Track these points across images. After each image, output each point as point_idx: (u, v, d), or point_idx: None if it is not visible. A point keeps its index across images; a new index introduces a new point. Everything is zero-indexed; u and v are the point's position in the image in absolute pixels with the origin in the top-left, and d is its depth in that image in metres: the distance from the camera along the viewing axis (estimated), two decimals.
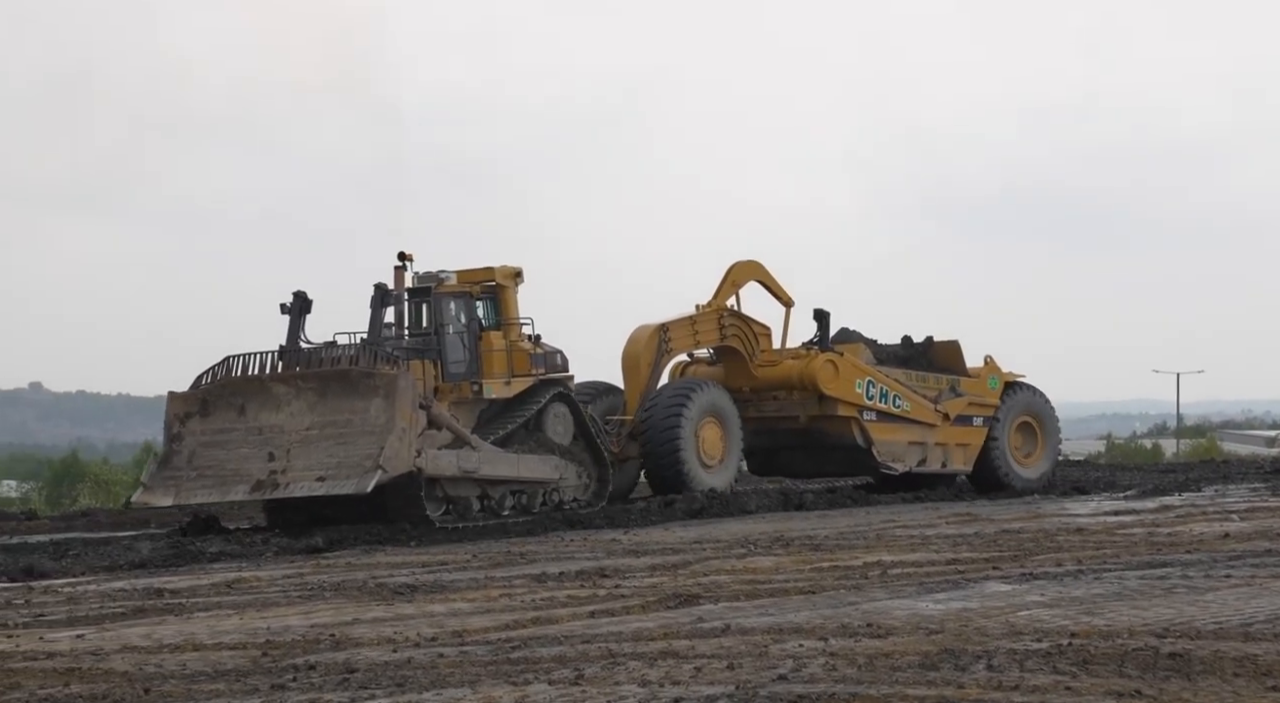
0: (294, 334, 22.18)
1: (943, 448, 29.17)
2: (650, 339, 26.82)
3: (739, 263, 28.57)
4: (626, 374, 26.92)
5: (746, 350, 27.96)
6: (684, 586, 14.49)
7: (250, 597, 14.71)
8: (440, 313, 23.15)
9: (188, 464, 20.88)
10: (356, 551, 20.10)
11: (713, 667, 9.80)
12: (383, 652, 10.91)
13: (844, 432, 27.91)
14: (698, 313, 27.66)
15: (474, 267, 24.35)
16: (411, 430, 20.30)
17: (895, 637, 10.85)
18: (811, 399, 27.77)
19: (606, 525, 23.07)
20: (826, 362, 27.61)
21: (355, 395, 20.58)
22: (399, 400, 20.19)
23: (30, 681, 10.10)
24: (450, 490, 21.75)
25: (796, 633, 11.17)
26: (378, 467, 19.69)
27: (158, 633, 12.23)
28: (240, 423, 21.04)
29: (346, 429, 20.41)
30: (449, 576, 16.24)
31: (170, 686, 9.78)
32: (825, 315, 28.43)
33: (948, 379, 29.45)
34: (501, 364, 23.50)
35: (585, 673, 9.71)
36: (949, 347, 30.15)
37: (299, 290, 22.52)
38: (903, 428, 28.47)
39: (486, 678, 9.68)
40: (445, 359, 22.95)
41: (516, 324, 24.12)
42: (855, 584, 14.25)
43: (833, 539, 19.45)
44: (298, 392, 20.93)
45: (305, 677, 9.95)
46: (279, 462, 20.38)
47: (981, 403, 29.55)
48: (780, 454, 28.87)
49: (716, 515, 24.88)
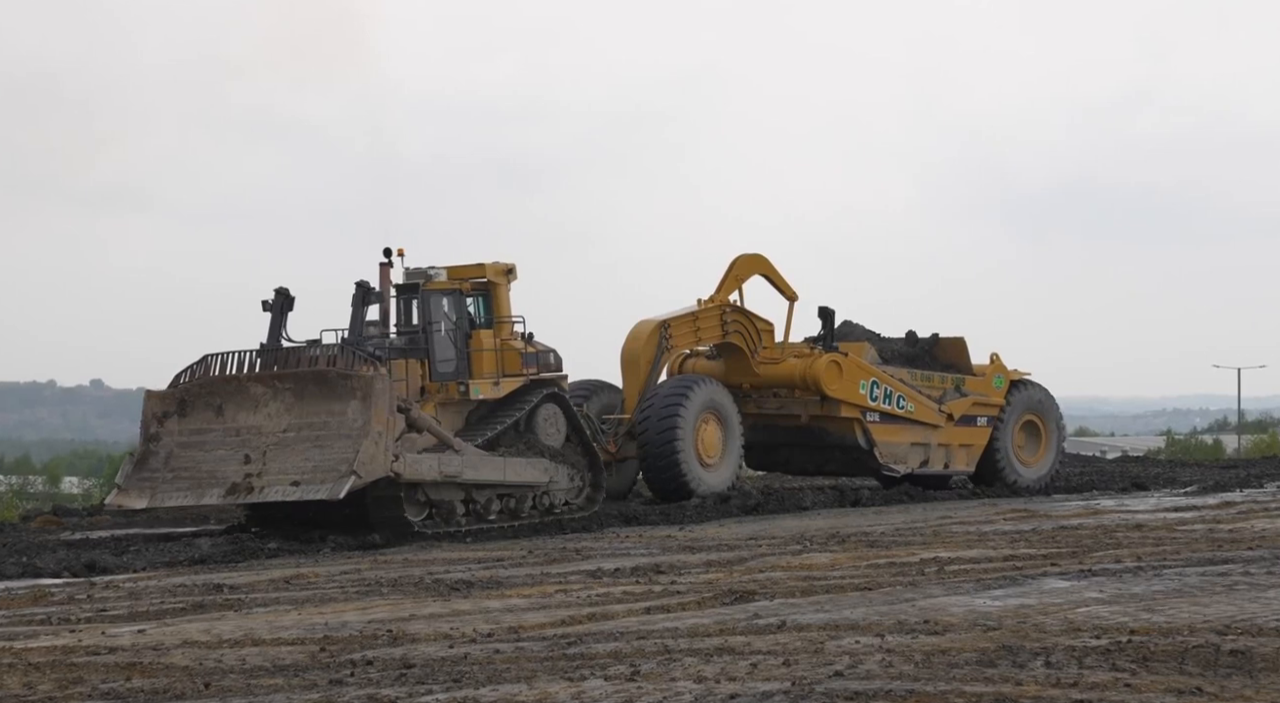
0: (275, 332, 21.47)
1: (945, 449, 28.53)
2: (651, 336, 26.11)
3: (742, 256, 27.77)
4: (625, 371, 26.21)
5: (748, 347, 27.24)
6: (740, 582, 14.47)
7: (308, 593, 14.81)
8: (429, 310, 22.31)
9: (164, 466, 20.43)
10: (413, 547, 20.21)
11: (768, 663, 9.78)
12: (439, 647, 10.96)
13: (846, 432, 27.29)
14: (700, 308, 26.92)
15: (465, 263, 23.54)
16: (388, 434, 19.70)
17: (952, 634, 10.79)
18: (814, 399, 27.18)
19: (662, 522, 23.08)
20: (830, 362, 26.95)
21: (333, 397, 20.05)
22: (375, 403, 19.59)
23: (93, 675, 10.22)
24: (433, 495, 20.91)
25: (853, 630, 11.14)
26: (351, 472, 19.15)
27: (217, 628, 12.34)
28: (218, 423, 20.54)
29: (324, 432, 19.92)
30: (505, 571, 16.29)
31: (230, 680, 9.87)
32: (830, 313, 27.80)
33: (953, 378, 28.90)
34: (491, 364, 22.69)
35: (641, 669, 9.72)
36: (954, 343, 29.62)
37: (281, 287, 21.75)
38: (906, 429, 27.79)
39: (542, 674, 9.70)
40: (434, 358, 22.15)
41: (508, 322, 23.27)
42: (912, 581, 14.19)
43: (889, 536, 19.38)
44: (275, 392, 20.41)
45: (363, 672, 10.01)
46: (255, 464, 19.88)
47: (986, 403, 28.98)
48: (779, 450, 28.20)
49: (772, 512, 24.83)
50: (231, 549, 19.36)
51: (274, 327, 21.44)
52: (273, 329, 21.42)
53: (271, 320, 21.47)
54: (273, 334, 21.38)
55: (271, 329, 21.42)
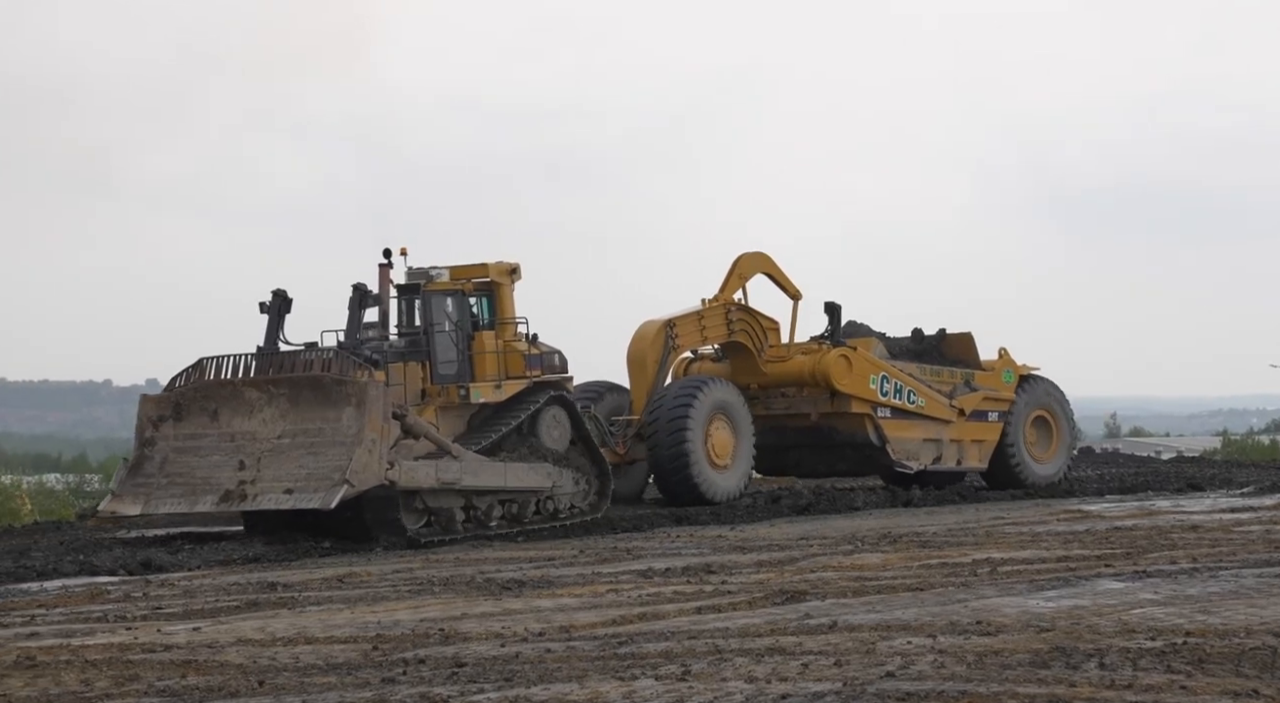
0: (273, 335, 21.13)
1: (958, 445, 28.00)
2: (656, 336, 25.72)
3: (745, 255, 27.41)
4: (632, 373, 25.82)
5: (754, 346, 26.87)
6: (791, 582, 14.45)
7: (361, 591, 14.90)
8: (430, 311, 21.86)
9: (159, 471, 20.23)
10: (465, 546, 20.29)
11: (820, 664, 9.76)
12: (491, 646, 11.00)
13: (857, 429, 26.94)
14: (704, 308, 26.56)
15: (467, 262, 23.14)
16: (382, 442, 19.35)
17: (1005, 634, 10.74)
18: (823, 396, 26.82)
19: (713, 521, 23.07)
20: (839, 357, 26.63)
21: (327, 403, 19.73)
22: (369, 410, 19.26)
23: (148, 672, 10.32)
24: (431, 502, 20.48)
25: (904, 630, 11.10)
26: (344, 481, 18.85)
27: (271, 626, 12.43)
28: (213, 428, 20.29)
29: (318, 439, 19.62)
30: (556, 571, 16.33)
31: (283, 678, 9.94)
32: (837, 309, 27.52)
33: (962, 373, 28.57)
34: (494, 366, 22.24)
35: (692, 669, 9.72)
36: (962, 339, 29.35)
37: (278, 289, 21.35)
38: (917, 425, 27.50)
39: (594, 673, 9.72)
40: (435, 360, 21.70)
41: (512, 323, 22.81)
42: (964, 581, 14.12)
43: (941, 536, 19.30)
44: (270, 398, 20.10)
45: (415, 670, 10.06)
46: (249, 471, 19.65)
47: (996, 397, 28.58)
48: (789, 453, 27.69)
49: (823, 512, 24.78)
50: (284, 548, 19.49)
51: (271, 329, 21.14)
52: (270, 332, 21.12)
53: (269, 323, 21.16)
54: (270, 337, 21.09)
55: (268, 332, 21.12)
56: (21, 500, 27.22)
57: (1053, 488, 28.65)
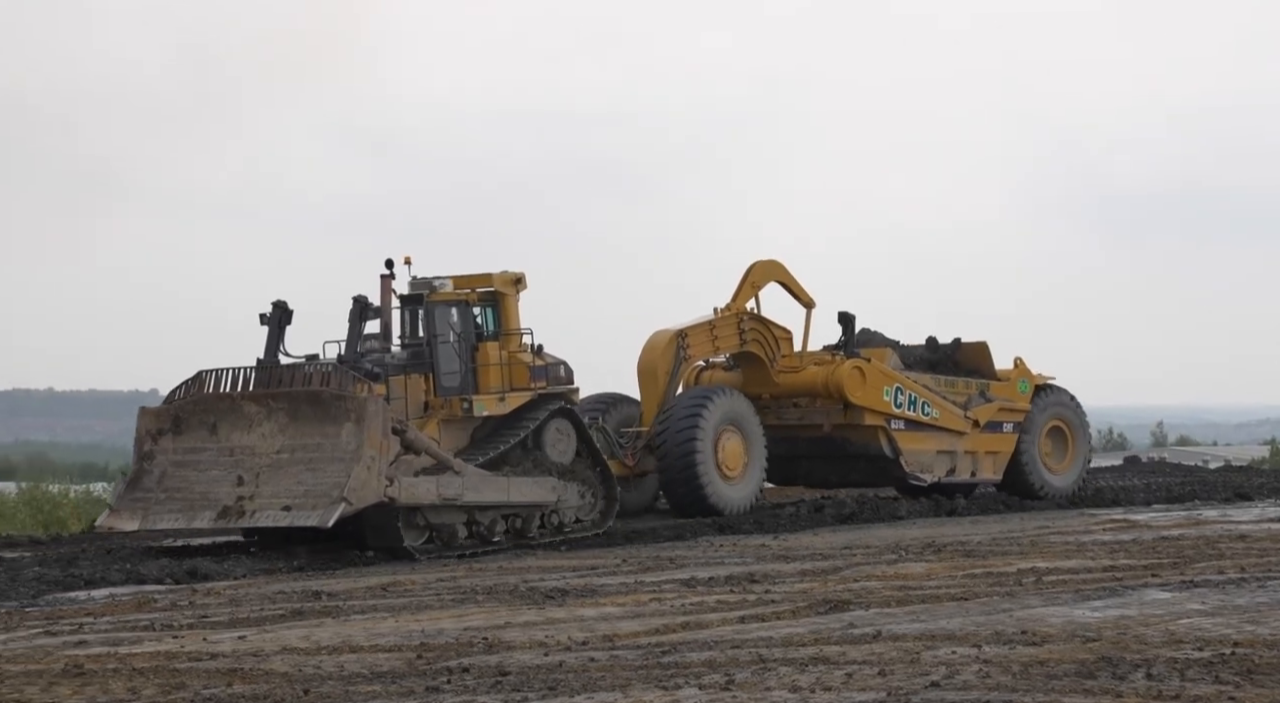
0: (273, 347, 20.74)
1: (972, 456, 27.47)
2: (667, 346, 25.21)
3: (758, 263, 26.91)
4: (643, 383, 25.32)
5: (767, 356, 26.40)
6: (834, 591, 14.41)
7: (405, 600, 14.95)
8: (433, 322, 21.42)
9: (158, 486, 19.94)
10: (508, 555, 20.32)
11: (864, 673, 9.73)
12: (535, 655, 11.02)
13: (870, 441, 26.45)
14: (716, 317, 26.06)
15: (471, 272, 22.68)
16: (382, 459, 19.03)
17: (1051, 644, 10.68)
18: (836, 407, 26.32)
19: (756, 531, 23.02)
20: (853, 368, 26.10)
21: (326, 419, 19.38)
22: (368, 426, 18.93)
23: (194, 680, 10.39)
24: (432, 517, 20.09)
25: (949, 640, 11.05)
26: (342, 499, 18.57)
27: (316, 635, 12.49)
28: (212, 442, 19.98)
29: (317, 454, 19.30)
30: (599, 580, 16.34)
31: (329, 687, 9.98)
32: (850, 318, 27.03)
33: (977, 383, 28.10)
34: (497, 378, 21.75)
35: (736, 678, 9.71)
36: (977, 348, 28.83)
37: (279, 300, 20.85)
38: (931, 436, 26.99)
39: (637, 682, 9.72)
40: (438, 371, 21.23)
41: (517, 335, 22.34)
42: (1009, 591, 14.05)
43: (985, 545, 19.20)
44: (269, 412, 19.73)
45: (459, 679, 10.09)
46: (248, 486, 19.38)
47: (1012, 408, 27.81)
48: (800, 463, 27.25)
49: (867, 521, 24.68)
50: (329, 556, 19.57)
51: (271, 341, 20.76)
52: (270, 344, 20.75)
53: (269, 334, 20.78)
54: (270, 349, 20.74)
55: (269, 344, 20.75)
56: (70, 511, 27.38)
57: (1098, 497, 28.42)
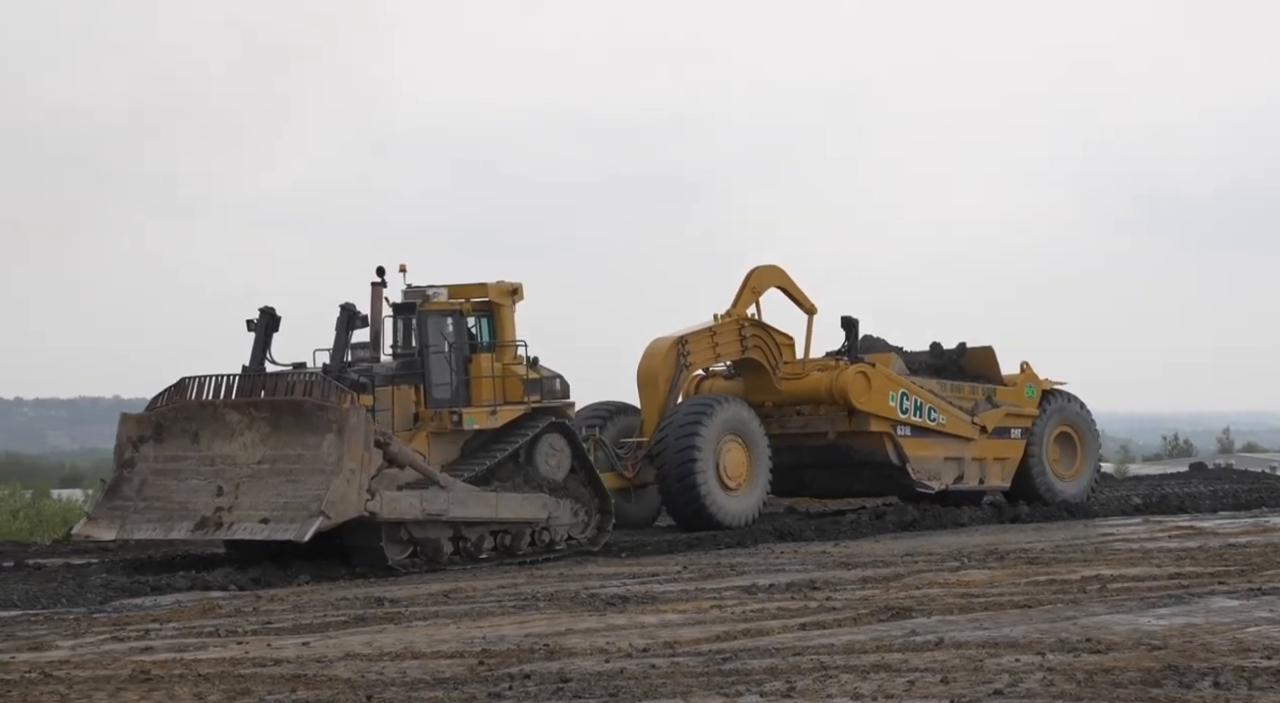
0: (259, 355, 20.24)
1: (980, 463, 26.91)
2: (668, 353, 24.64)
3: (759, 268, 26.39)
4: (643, 392, 24.77)
5: (769, 362, 25.74)
6: (896, 598, 14.35)
7: (466, 606, 15.01)
8: (425, 332, 20.90)
9: (137, 494, 19.57)
10: (569, 561, 20.37)
11: (926, 681, 9.69)
12: (596, 662, 11.03)
13: (876, 448, 25.88)
14: (716, 323, 25.47)
15: (466, 282, 22.11)
16: (362, 472, 18.53)
17: (1116, 652, 10.59)
18: (840, 414, 25.78)
19: (817, 537, 22.96)
20: (858, 374, 25.57)
21: (308, 429, 18.92)
22: (349, 438, 18.47)
23: (259, 686, 10.47)
24: (416, 532, 19.55)
25: (1012, 647, 10.98)
26: (320, 512, 18.14)
27: (379, 641, 12.56)
28: (193, 451, 19.58)
29: (297, 465, 18.87)
30: (660, 587, 16.34)
31: (391, 693, 10.04)
32: (854, 323, 26.48)
33: (983, 389, 27.19)
34: (490, 391, 21.19)
35: (797, 686, 9.69)
36: (982, 353, 28.33)
37: (266, 306, 20.35)
38: (938, 443, 26.46)
39: (698, 689, 9.72)
40: (429, 383, 20.73)
41: (512, 346, 21.73)
42: (1073, 598, 13.94)
43: (1049, 553, 19.06)
44: (251, 421, 19.31)
45: (520, 686, 10.12)
46: (227, 497, 19.00)
47: (1019, 413, 27.31)
48: (804, 473, 26.52)
49: (929, 528, 24.58)
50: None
51: (257, 348, 20.30)
52: (255, 351, 20.29)
53: (255, 342, 20.29)
54: (255, 357, 20.28)
55: (254, 351, 20.29)
56: None
57: (1163, 504, 28.11)
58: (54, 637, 13.48)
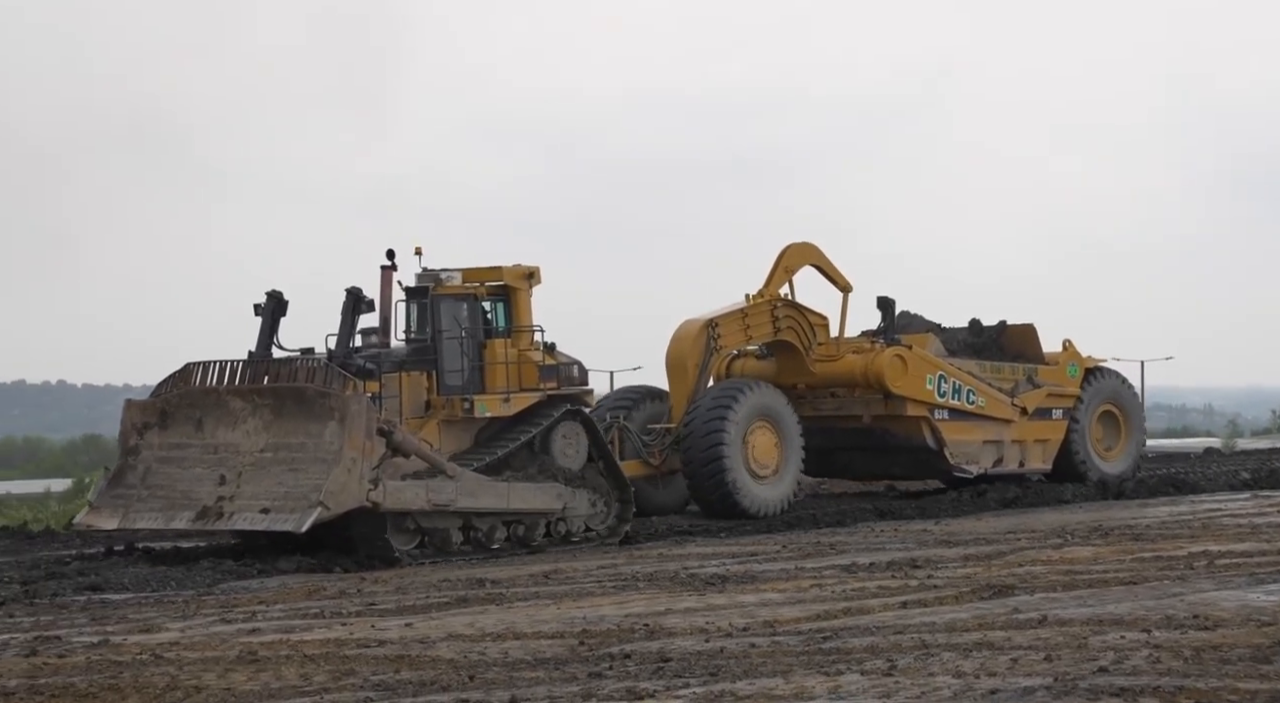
0: (266, 340, 19.80)
1: (1020, 446, 26.29)
2: (697, 336, 23.99)
3: (792, 245, 25.65)
4: (672, 376, 24.18)
5: (802, 344, 25.07)
6: (998, 576, 14.23)
7: (567, 587, 15.09)
8: (438, 317, 20.35)
9: (141, 482, 19.30)
10: (668, 541, 20.41)
11: (1029, 658, 9.60)
12: (696, 641, 11.05)
13: (913, 433, 25.28)
14: (748, 304, 24.76)
15: (480, 265, 21.49)
16: (364, 461, 18.09)
17: (1224, 629, 10.43)
18: (876, 397, 25.17)
19: (918, 516, 22.82)
20: (894, 356, 24.91)
21: (310, 417, 18.52)
22: (350, 426, 18.06)
23: (363, 667, 10.61)
24: (424, 522, 19.09)
25: (1117, 625, 10.85)
26: (319, 503, 17.73)
27: (480, 622, 12.67)
28: (197, 439, 19.25)
29: (300, 454, 18.48)
30: (759, 566, 16.33)
31: (493, 673, 10.12)
32: (890, 303, 25.82)
33: (1024, 368, 26.62)
34: (504, 377, 20.64)
35: (898, 664, 9.64)
36: (1024, 331, 27.59)
37: (274, 290, 19.94)
38: (977, 426, 25.83)
39: (799, 668, 9.70)
40: (442, 369, 20.22)
41: (527, 332, 21.11)
42: (1180, 575, 13.75)
43: (1154, 529, 18.81)
44: (254, 408, 18.94)
45: (621, 665, 10.16)
46: (229, 486, 18.64)
47: (1061, 393, 26.60)
48: (838, 455, 26.00)
49: (1031, 505, 24.32)
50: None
51: (264, 334, 19.89)
52: (262, 337, 19.88)
53: (261, 327, 19.89)
54: (262, 342, 19.86)
55: (261, 336, 19.88)
56: None
57: (1273, 478, 27.57)
58: (163, 619, 13.74)
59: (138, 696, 9.84)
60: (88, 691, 10.01)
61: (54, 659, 11.34)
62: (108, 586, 16.50)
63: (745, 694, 8.92)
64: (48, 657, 11.48)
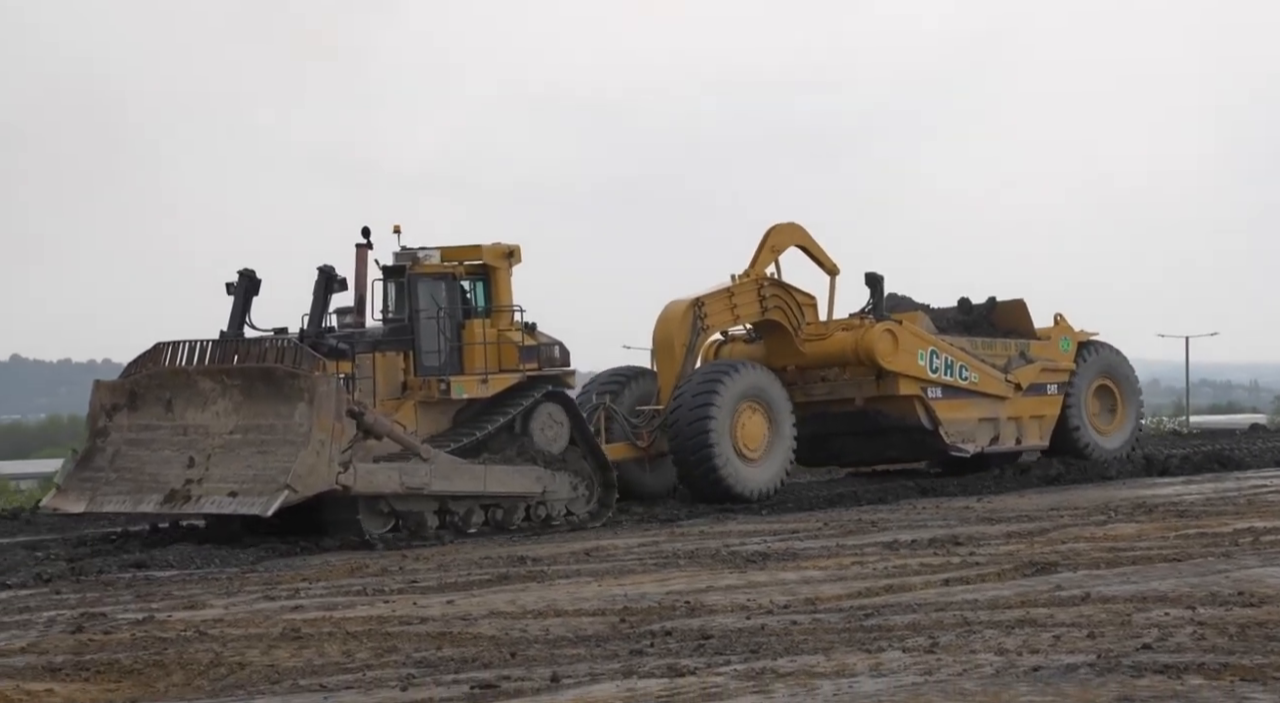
0: (238, 320, 19.48)
1: (1016, 423, 25.84)
2: (684, 317, 23.48)
3: (777, 226, 25.19)
4: (659, 357, 23.74)
5: (790, 324, 24.65)
6: (1041, 553, 14.16)
7: (608, 564, 15.11)
8: (415, 296, 20.01)
9: (109, 465, 18.95)
10: (709, 518, 20.40)
11: (1072, 635, 9.55)
12: (737, 619, 11.04)
13: (907, 413, 24.77)
14: (734, 284, 24.26)
15: (459, 244, 21.09)
16: (333, 443, 17.66)
17: (1270, 605, 10.35)
18: (868, 377, 24.71)
19: (960, 493, 22.74)
20: (884, 332, 24.38)
21: (279, 398, 18.11)
22: (319, 408, 17.64)
23: (406, 643, 10.65)
24: (398, 505, 18.71)
25: (1161, 602, 10.78)
26: (285, 486, 17.35)
27: (521, 599, 12.70)
28: (166, 420, 18.86)
29: (269, 436, 18.07)
30: (800, 543, 16.31)
31: (534, 650, 10.15)
32: (879, 280, 25.25)
33: (1015, 344, 26.15)
34: (483, 358, 20.25)
35: (940, 641, 9.60)
36: (1014, 307, 27.15)
37: (246, 269, 19.65)
38: (972, 403, 25.33)
39: (840, 645, 9.68)
40: (419, 350, 19.86)
41: (507, 311, 20.73)
42: (1224, 551, 13.65)
43: (1199, 505, 18.67)
44: (224, 389, 18.54)
45: (662, 642, 10.17)
46: (198, 469, 18.24)
47: (1054, 368, 26.20)
48: (831, 441, 25.49)
49: (1074, 482, 24.21)
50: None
51: (236, 313, 19.56)
52: (234, 316, 19.56)
53: (234, 306, 19.57)
54: (234, 321, 19.55)
55: (233, 316, 19.57)
56: None
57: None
58: (208, 596, 13.85)
59: (182, 672, 9.91)
60: (133, 667, 10.09)
61: (100, 636, 11.44)
62: (153, 563, 16.63)
63: (786, 672, 8.91)
64: (93, 633, 11.59)
